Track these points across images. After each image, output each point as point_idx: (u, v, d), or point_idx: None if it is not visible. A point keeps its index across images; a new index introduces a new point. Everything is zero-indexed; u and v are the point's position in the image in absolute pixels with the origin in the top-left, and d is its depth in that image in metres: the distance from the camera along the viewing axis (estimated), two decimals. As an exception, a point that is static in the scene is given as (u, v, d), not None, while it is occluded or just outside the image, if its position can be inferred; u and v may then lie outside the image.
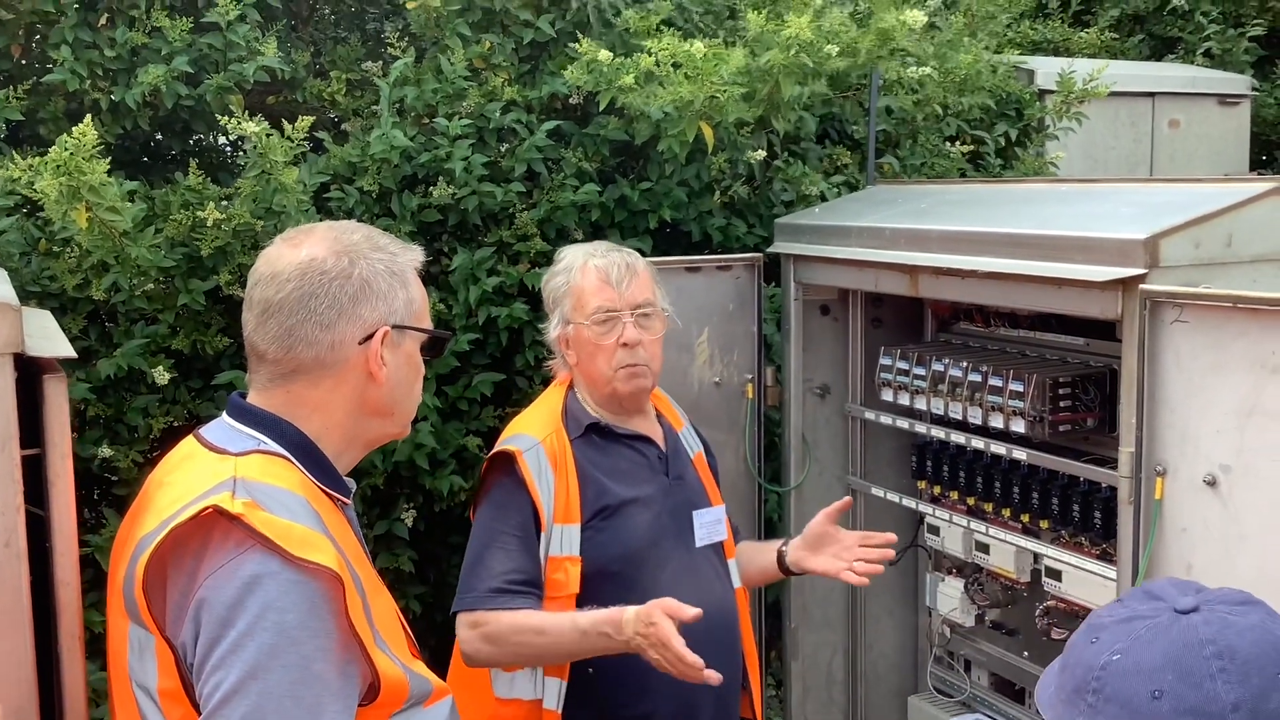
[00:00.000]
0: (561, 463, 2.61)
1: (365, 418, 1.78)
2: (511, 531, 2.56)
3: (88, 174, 2.92)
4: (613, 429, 2.70)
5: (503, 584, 2.53)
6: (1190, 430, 2.35)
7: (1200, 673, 1.07)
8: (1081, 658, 1.15)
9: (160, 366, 3.37)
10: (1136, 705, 1.08)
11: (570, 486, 2.60)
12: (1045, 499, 3.09)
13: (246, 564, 1.53)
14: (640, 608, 2.37)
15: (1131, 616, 1.15)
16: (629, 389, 2.68)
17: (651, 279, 2.74)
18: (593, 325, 2.65)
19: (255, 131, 3.13)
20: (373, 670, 1.60)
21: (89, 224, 2.98)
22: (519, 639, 2.48)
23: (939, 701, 3.64)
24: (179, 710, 1.59)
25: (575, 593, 2.57)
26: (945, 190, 3.63)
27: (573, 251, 2.78)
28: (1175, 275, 2.46)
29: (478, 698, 2.66)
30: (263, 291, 1.72)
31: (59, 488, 1.88)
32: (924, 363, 3.30)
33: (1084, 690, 1.12)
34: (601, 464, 2.66)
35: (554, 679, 2.59)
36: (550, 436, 2.63)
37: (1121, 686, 1.10)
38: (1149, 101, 5.80)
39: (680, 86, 3.40)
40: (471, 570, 2.57)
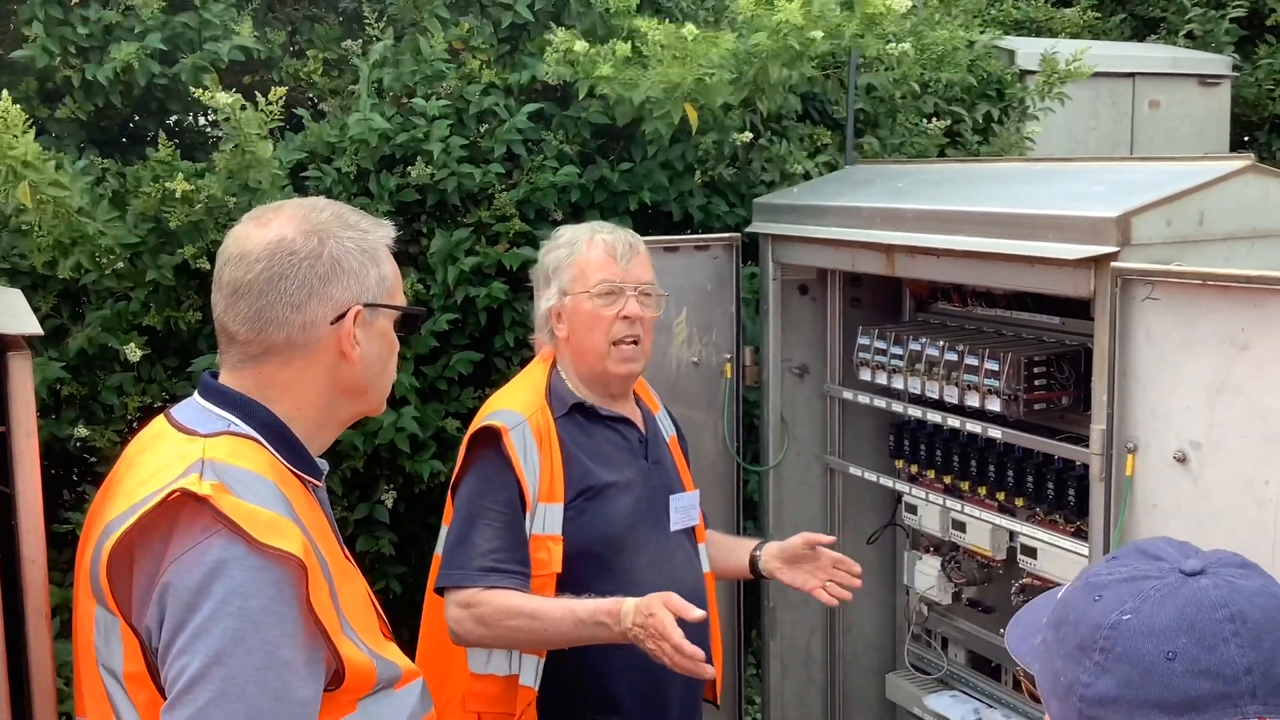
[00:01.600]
0: (546, 441, 2.60)
1: (338, 398, 1.77)
2: (498, 509, 2.55)
3: (17, 149, 2.87)
4: (596, 409, 2.70)
5: (491, 563, 2.52)
6: (1161, 407, 2.36)
7: (1215, 636, 1.08)
8: (1085, 616, 1.15)
9: (132, 344, 3.35)
10: (1149, 665, 1.09)
11: (555, 465, 2.60)
12: (1020, 477, 3.10)
13: (212, 549, 1.52)
14: (640, 599, 2.37)
15: (1135, 576, 1.15)
16: (621, 370, 2.69)
17: (651, 263, 2.77)
18: (595, 296, 2.66)
19: (228, 103, 3.11)
20: (337, 657, 1.60)
21: (37, 203, 2.94)
22: (512, 623, 2.47)
23: (917, 679, 3.65)
24: (144, 694, 1.59)
25: (557, 572, 2.57)
26: (922, 170, 3.63)
27: (576, 227, 2.80)
28: (1147, 253, 2.47)
29: (452, 673, 2.66)
30: (232, 272, 1.71)
31: (24, 464, 1.88)
32: (901, 342, 3.31)
33: (1090, 648, 1.12)
34: (585, 445, 2.66)
35: (532, 657, 2.59)
36: (535, 414, 2.62)
37: (1133, 646, 1.10)
38: (1129, 82, 5.80)
39: (669, 68, 3.39)
40: (457, 546, 2.55)
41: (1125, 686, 1.10)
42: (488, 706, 2.63)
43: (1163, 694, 1.08)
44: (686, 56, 3.36)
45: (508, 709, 2.60)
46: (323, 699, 1.59)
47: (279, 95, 3.26)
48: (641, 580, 2.64)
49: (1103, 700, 1.11)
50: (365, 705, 1.66)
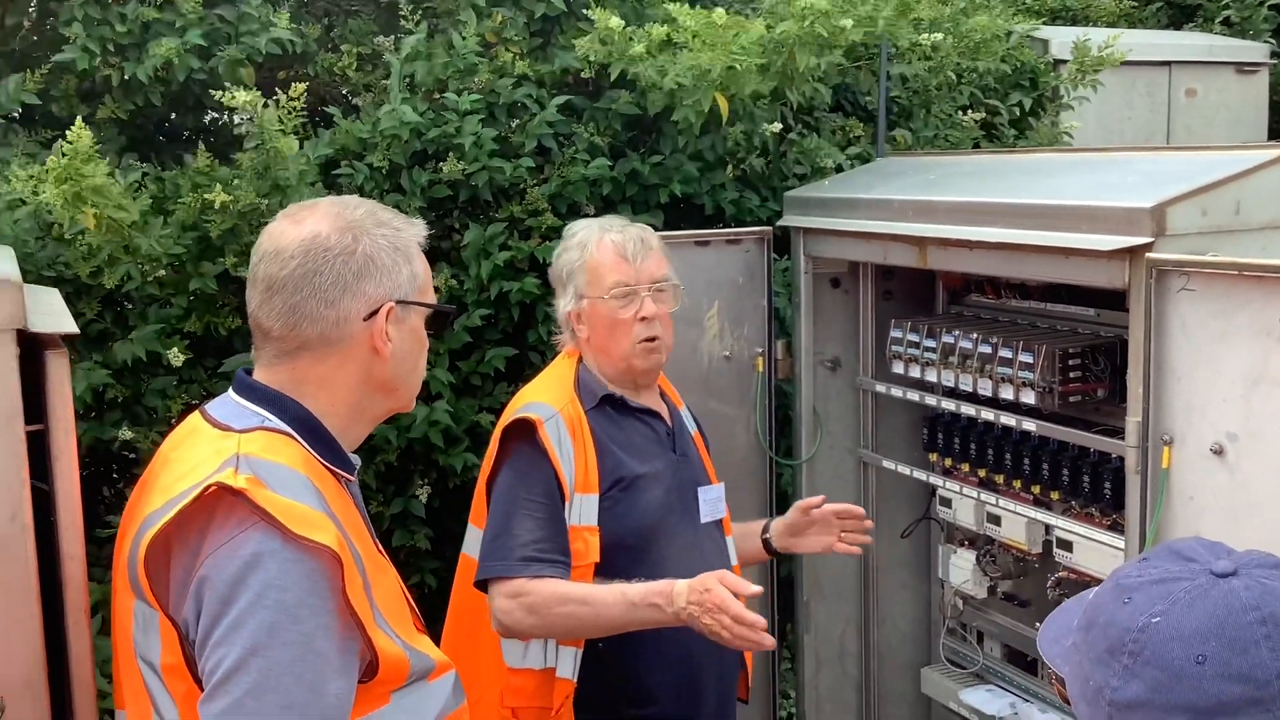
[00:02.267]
0: (579, 433, 2.61)
1: (371, 393, 1.78)
2: (538, 499, 2.55)
3: (89, 176, 2.93)
4: (626, 401, 2.71)
5: (533, 552, 2.51)
6: (1197, 399, 2.33)
7: (1246, 639, 1.06)
8: (1115, 619, 1.13)
9: (175, 349, 3.39)
10: (1179, 670, 1.07)
11: (589, 457, 2.60)
12: (1056, 470, 3.08)
13: (248, 542, 1.54)
14: (693, 579, 2.37)
15: (1165, 578, 1.13)
16: (646, 364, 2.69)
17: (664, 254, 2.75)
18: (610, 300, 2.65)
19: (247, 100, 3.13)
20: (371, 649, 1.61)
21: (96, 222, 3.00)
22: (564, 609, 2.46)
23: (952, 673, 3.64)
24: (182, 686, 1.61)
25: (595, 562, 2.57)
26: (954, 162, 3.61)
27: (585, 227, 2.77)
28: (1183, 243, 2.44)
29: (489, 668, 2.67)
30: (266, 268, 1.73)
31: (63, 463, 1.90)
32: (934, 335, 3.29)
33: (1119, 652, 1.11)
34: (616, 437, 2.67)
35: (569, 648, 2.60)
36: (567, 406, 2.63)
37: (1162, 650, 1.08)
38: (1165, 70, 5.73)
39: (699, 54, 3.38)
40: (498, 538, 2.54)
41: (1155, 691, 1.08)
42: (525, 701, 2.62)
43: (1192, 698, 1.06)
44: (717, 43, 3.35)
45: (545, 703, 2.60)
46: (357, 691, 1.61)
47: (300, 92, 3.28)
48: (674, 571, 2.64)
49: (1132, 704, 1.09)
50: (398, 697, 1.68)
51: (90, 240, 3.13)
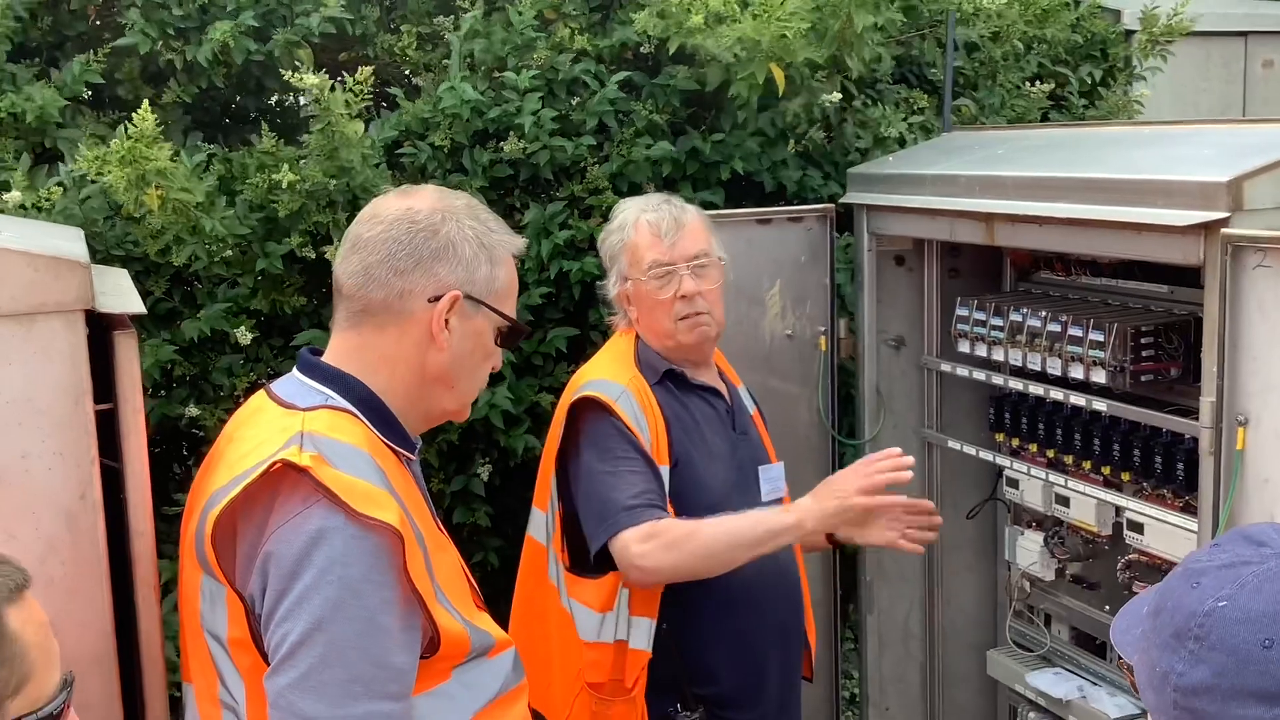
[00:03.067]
0: (649, 405, 2.62)
1: (428, 383, 1.78)
2: (631, 455, 2.54)
3: (153, 159, 2.96)
4: (687, 377, 2.71)
5: (644, 500, 2.50)
6: (1273, 379, 2.27)
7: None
8: (1182, 603, 1.10)
9: (243, 327, 3.44)
10: (1246, 653, 1.04)
11: (660, 429, 2.61)
12: (1127, 451, 3.02)
13: (312, 518, 1.56)
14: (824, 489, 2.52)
15: (1234, 562, 1.10)
16: (692, 339, 2.69)
17: (705, 229, 2.73)
18: (650, 280, 2.65)
19: (315, 84, 3.15)
20: (433, 625, 1.63)
21: (161, 203, 3.03)
22: (703, 538, 2.47)
23: (1019, 655, 3.59)
24: (248, 659, 1.63)
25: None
26: (1022, 135, 3.54)
27: (626, 208, 2.78)
28: (1261, 219, 2.37)
29: (562, 646, 2.68)
30: (357, 228, 1.78)
31: (132, 441, 1.93)
32: (1002, 313, 3.24)
33: (1185, 636, 1.08)
34: (679, 414, 2.67)
35: (642, 619, 2.60)
36: (633, 379, 2.64)
37: (1228, 634, 1.05)
38: (1241, 41, 5.57)
39: (745, 23, 3.34)
40: (604, 503, 2.52)
41: (1220, 675, 1.05)
42: (602, 676, 2.63)
43: (1260, 683, 1.03)
44: (763, 12, 3.30)
45: (620, 676, 2.61)
46: (419, 667, 1.62)
47: (367, 75, 3.29)
48: None
49: (1197, 690, 1.06)
50: (460, 673, 1.69)
51: (155, 222, 3.16)
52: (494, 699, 1.72)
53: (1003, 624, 3.70)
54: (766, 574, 2.70)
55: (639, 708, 2.61)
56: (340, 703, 1.52)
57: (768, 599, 2.72)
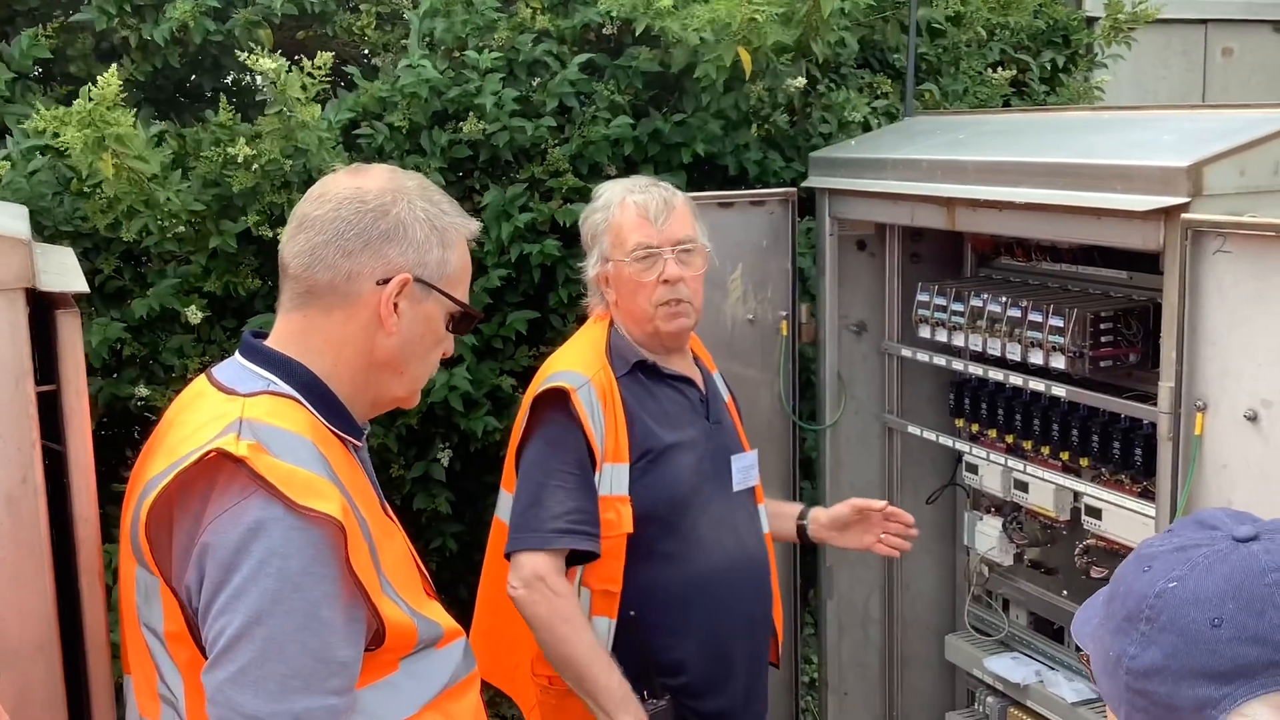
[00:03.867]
0: (610, 401, 2.57)
1: (374, 369, 1.74)
2: (569, 469, 2.52)
3: (113, 124, 2.90)
4: (659, 368, 2.67)
5: (566, 524, 2.48)
6: (1232, 364, 2.27)
7: (1263, 600, 1.03)
8: (1134, 587, 1.11)
9: (193, 306, 3.38)
10: (1195, 633, 1.04)
11: (619, 425, 2.57)
12: (1085, 436, 3.03)
13: (250, 509, 1.52)
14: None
15: (1186, 545, 1.11)
16: (671, 327, 2.65)
17: (691, 215, 2.70)
18: (633, 262, 2.61)
19: (272, 68, 3.09)
20: (377, 617, 1.59)
21: (115, 171, 2.97)
22: (563, 629, 2.46)
23: (977, 640, 3.60)
24: (185, 653, 1.60)
25: (628, 532, 2.55)
26: (984, 120, 3.53)
27: (611, 187, 2.73)
28: (1220, 204, 2.37)
29: (524, 634, 2.66)
30: (305, 207, 1.73)
31: (75, 423, 1.88)
32: (962, 298, 3.23)
33: (1137, 619, 1.08)
34: (648, 405, 2.63)
35: (602, 618, 2.58)
36: (598, 373, 2.59)
37: (1178, 615, 1.06)
38: (1201, 29, 5.61)
39: (718, 5, 3.31)
40: (529, 509, 2.52)
41: (1171, 656, 1.06)
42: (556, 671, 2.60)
43: (1209, 662, 1.04)
44: None
45: None
46: (364, 659, 1.59)
47: (325, 60, 3.24)
48: (705, 539, 2.62)
49: (1149, 672, 1.07)
50: (407, 664, 1.66)
51: (108, 191, 3.10)
52: (443, 689, 1.70)
53: (961, 609, 3.71)
54: (737, 564, 2.69)
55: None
56: (279, 697, 1.49)
57: (736, 589, 2.71)
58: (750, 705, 2.75)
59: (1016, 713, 3.40)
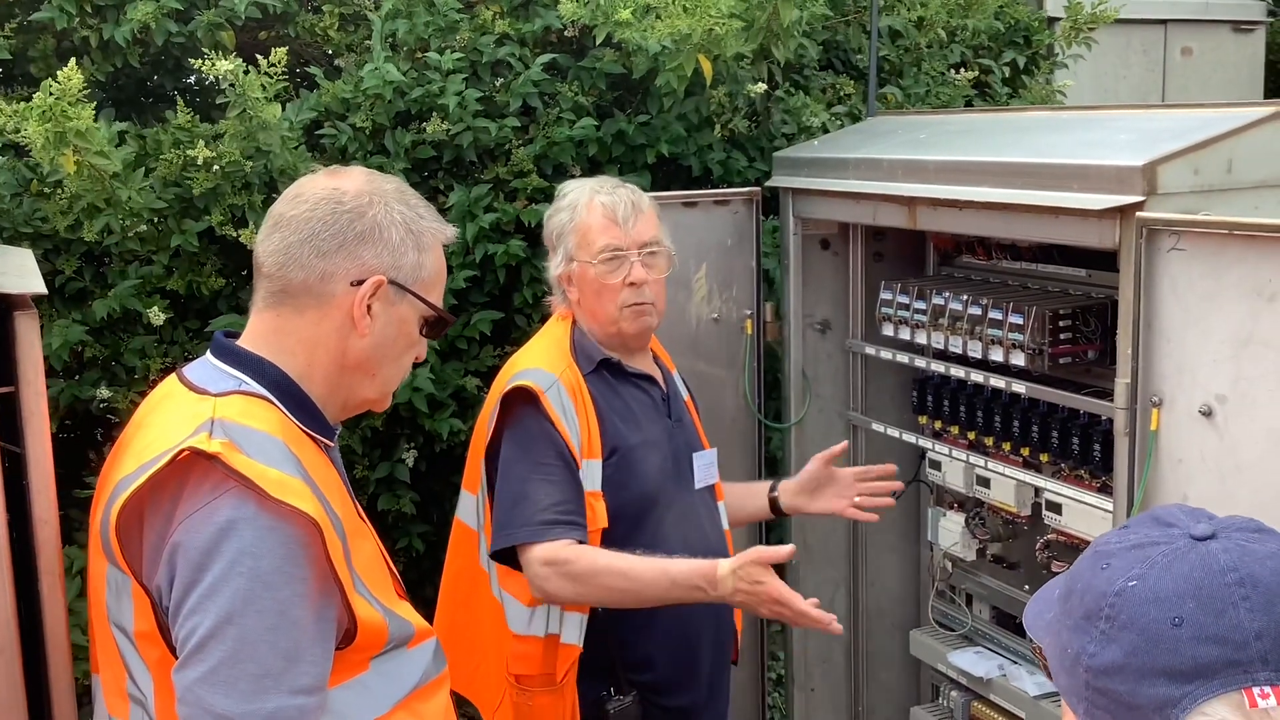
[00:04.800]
0: (580, 398, 2.57)
1: (347, 371, 1.74)
2: (551, 461, 2.51)
3: (74, 119, 2.88)
4: (623, 366, 2.68)
5: (554, 515, 2.47)
6: (1187, 360, 2.31)
7: (1223, 600, 1.04)
8: (1092, 585, 1.11)
9: (155, 307, 3.36)
10: (1156, 632, 1.05)
11: (591, 422, 2.57)
12: (1045, 432, 3.06)
13: (222, 508, 1.52)
14: (736, 563, 2.37)
15: (1143, 542, 1.11)
16: (635, 328, 2.66)
17: (657, 216, 2.72)
18: (599, 264, 2.61)
19: (229, 69, 3.08)
20: (350, 615, 1.60)
21: (77, 168, 2.95)
22: (606, 581, 2.44)
23: (941, 635, 3.63)
24: (155, 652, 1.59)
25: (604, 527, 2.55)
26: (945, 120, 3.56)
27: (576, 187, 2.72)
28: (1174, 203, 2.41)
29: (490, 634, 2.66)
30: (281, 206, 1.73)
31: (34, 425, 1.87)
32: (925, 297, 3.26)
33: (1096, 617, 1.09)
34: (613, 403, 2.64)
35: (574, 614, 2.59)
36: (565, 371, 2.59)
37: (1138, 614, 1.06)
38: (1161, 29, 5.67)
39: (677, 19, 3.33)
40: (516, 505, 2.50)
41: (1131, 655, 1.06)
42: (530, 668, 2.60)
43: (1170, 661, 1.04)
44: (696, 7, 3.29)
45: (549, 669, 2.59)
46: (335, 658, 1.59)
47: (280, 57, 3.22)
48: (670, 537, 2.63)
49: (1109, 670, 1.07)
50: (378, 664, 1.66)
51: (69, 188, 3.08)
52: (413, 689, 1.70)
53: (925, 604, 3.74)
54: None
55: (567, 697, 2.60)
56: (251, 697, 1.49)
57: None
58: (713, 701, 2.77)
59: (980, 706, 3.43)
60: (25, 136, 2.90)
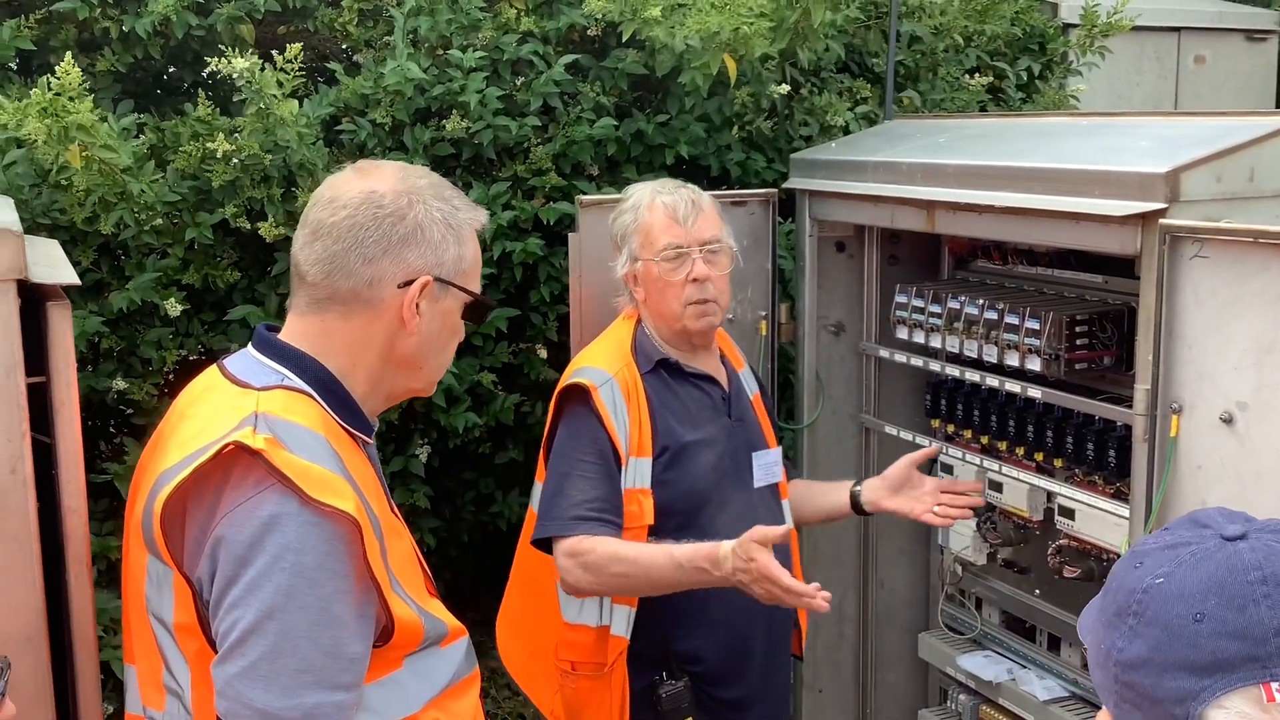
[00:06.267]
0: (634, 397, 2.65)
1: (393, 367, 1.75)
2: (591, 459, 2.59)
3: (74, 114, 2.88)
4: (681, 366, 2.75)
5: (584, 511, 2.56)
6: (1208, 367, 2.31)
7: (1244, 597, 1.06)
8: (1124, 582, 1.14)
9: (172, 299, 3.37)
10: (1178, 628, 1.07)
11: (643, 420, 2.64)
12: (1060, 437, 3.07)
13: (265, 504, 1.53)
14: (736, 543, 2.40)
15: (1176, 543, 1.14)
16: (699, 326, 2.73)
17: (718, 215, 2.80)
18: (661, 262, 2.69)
19: (245, 67, 3.09)
20: (387, 613, 1.60)
21: (85, 163, 2.95)
22: (617, 569, 2.51)
23: (950, 639, 3.64)
24: (194, 645, 1.60)
25: (649, 524, 2.61)
26: (964, 124, 3.57)
27: (640, 189, 2.81)
28: (1196, 210, 2.41)
29: (546, 622, 2.76)
30: (318, 213, 1.71)
31: (64, 415, 1.88)
32: (940, 300, 3.27)
33: (1125, 613, 1.12)
34: (670, 402, 2.70)
35: (623, 606, 2.66)
36: (622, 370, 2.67)
37: (1163, 610, 1.09)
38: (1174, 37, 5.68)
39: (708, 16, 3.34)
40: (553, 498, 2.60)
41: (1155, 649, 1.09)
42: (580, 656, 2.70)
43: (1190, 655, 1.07)
44: (726, 5, 3.30)
45: (599, 658, 2.67)
46: (371, 655, 1.60)
47: (296, 52, 3.23)
48: (723, 534, 2.65)
49: (1134, 664, 1.10)
50: (411, 662, 1.67)
51: (79, 183, 3.08)
52: (445, 688, 1.71)
53: (935, 608, 3.74)
54: None
55: (616, 684, 2.67)
56: (290, 692, 1.50)
57: None
58: (769, 695, 2.81)
59: (989, 710, 3.43)
60: (27, 133, 2.90)
